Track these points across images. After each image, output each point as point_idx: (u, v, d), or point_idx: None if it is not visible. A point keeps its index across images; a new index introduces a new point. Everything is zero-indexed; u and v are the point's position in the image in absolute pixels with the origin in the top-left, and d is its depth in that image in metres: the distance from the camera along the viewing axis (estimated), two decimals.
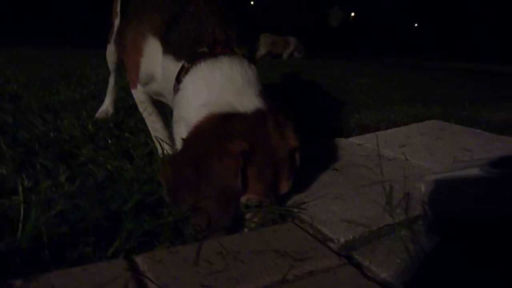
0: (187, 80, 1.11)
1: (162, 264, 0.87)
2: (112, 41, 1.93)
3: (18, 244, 0.84)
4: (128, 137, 1.75)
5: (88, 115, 2.15)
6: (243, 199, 1.05)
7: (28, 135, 1.71)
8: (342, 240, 1.01)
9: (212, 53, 1.11)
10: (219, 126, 1.03)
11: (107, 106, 2.28)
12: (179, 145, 1.12)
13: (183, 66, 1.13)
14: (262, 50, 9.45)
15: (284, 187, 1.12)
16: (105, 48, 2.19)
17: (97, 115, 2.19)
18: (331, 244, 1.01)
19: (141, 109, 1.47)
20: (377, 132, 2.11)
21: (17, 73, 3.36)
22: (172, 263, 0.87)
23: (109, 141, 1.70)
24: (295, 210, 1.15)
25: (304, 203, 1.19)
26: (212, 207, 1.00)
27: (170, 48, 1.16)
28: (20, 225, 0.88)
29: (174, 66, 1.16)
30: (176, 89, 1.15)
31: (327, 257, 0.95)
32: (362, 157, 1.67)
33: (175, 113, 1.17)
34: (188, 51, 1.14)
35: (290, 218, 1.16)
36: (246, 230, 1.09)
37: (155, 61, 1.20)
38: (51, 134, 1.76)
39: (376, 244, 1.03)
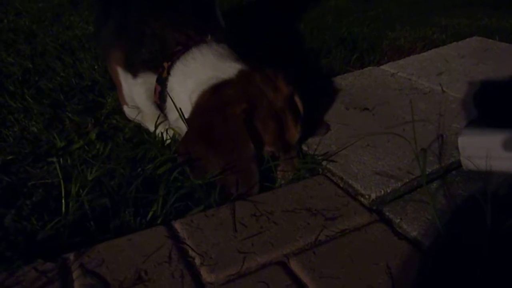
0: (170, 81, 1.22)
1: (200, 230, 0.94)
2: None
3: (64, 218, 0.92)
4: None
5: None
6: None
7: (51, 84, 1.75)
8: (373, 195, 1.05)
9: (179, 52, 1.23)
10: (213, 97, 1.11)
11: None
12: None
13: (161, 72, 1.24)
14: None
15: (294, 134, 1.17)
16: None
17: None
18: (362, 199, 1.06)
19: (134, 120, 1.48)
20: (412, 56, 2.03)
21: (27, 3, 3.29)
22: (210, 229, 0.95)
23: None
24: (324, 162, 1.18)
25: (334, 154, 1.21)
26: (234, 171, 1.06)
27: (137, 69, 1.29)
28: (63, 201, 0.95)
29: (150, 80, 1.28)
30: (159, 93, 1.26)
31: (358, 214, 1.00)
32: (395, 91, 1.63)
33: (170, 116, 1.26)
34: (158, 61, 1.25)
35: (320, 169, 1.19)
36: (277, 185, 1.14)
37: (130, 86, 1.34)
38: (73, 80, 1.79)
39: (407, 199, 1.06)
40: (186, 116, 1.15)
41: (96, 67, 1.95)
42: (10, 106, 1.58)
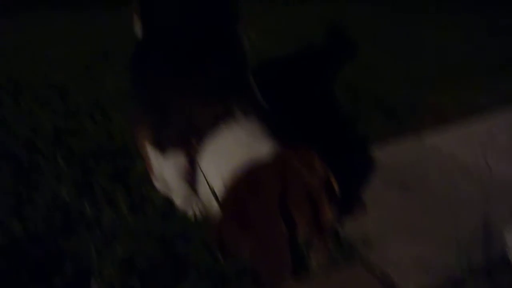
0: (202, 163, 1.29)
1: None
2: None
3: None
4: None
5: None
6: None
7: (82, 146, 1.89)
8: None
9: (208, 130, 1.30)
10: (247, 180, 1.18)
11: None
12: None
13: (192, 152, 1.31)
14: None
15: (329, 217, 1.21)
16: None
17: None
18: None
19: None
20: (455, 126, 2.08)
21: (57, 54, 3.57)
22: None
23: None
24: (360, 248, 1.23)
25: (371, 239, 1.26)
26: (265, 256, 1.12)
27: (166, 147, 1.37)
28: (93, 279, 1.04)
29: (181, 161, 1.35)
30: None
31: None
32: (436, 167, 1.67)
33: (202, 197, 1.33)
34: (186, 140, 1.33)
35: (355, 254, 1.24)
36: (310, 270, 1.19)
37: (160, 164, 1.42)
38: (104, 142, 1.93)
39: None
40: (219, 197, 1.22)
41: (127, 127, 2.10)
42: (40, 167, 1.72)
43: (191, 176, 1.34)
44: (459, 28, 4.53)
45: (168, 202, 1.47)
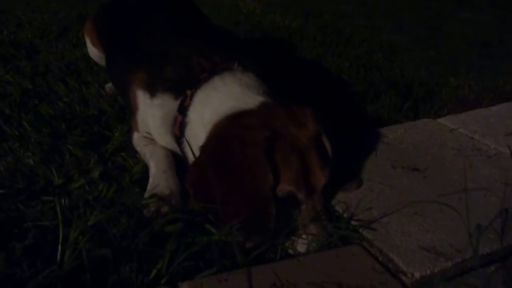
0: (190, 111, 1.36)
1: None
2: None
3: (59, 268, 1.01)
4: None
5: None
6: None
7: (52, 111, 1.89)
8: (417, 274, 1.10)
9: (203, 80, 1.39)
10: (232, 125, 1.23)
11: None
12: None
13: (183, 100, 1.39)
14: None
15: (320, 178, 1.23)
16: None
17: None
18: (404, 278, 1.11)
19: (141, 152, 1.60)
20: (477, 110, 2.11)
21: (30, 14, 3.57)
22: None
23: None
24: (362, 230, 1.25)
25: (374, 220, 1.28)
26: (245, 206, 1.14)
27: (156, 88, 1.46)
28: (60, 248, 1.04)
29: (169, 105, 1.43)
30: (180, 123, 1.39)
31: None
32: (453, 151, 1.70)
33: (187, 153, 1.39)
34: (181, 87, 1.41)
35: (357, 237, 1.26)
36: (300, 246, 1.20)
37: (146, 107, 1.50)
38: (77, 108, 1.93)
39: (458, 282, 1.11)
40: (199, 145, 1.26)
41: (104, 93, 2.11)
42: (4, 132, 1.72)
43: (180, 128, 1.37)
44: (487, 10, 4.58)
45: (146, 171, 1.49)
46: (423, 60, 3.00)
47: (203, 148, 1.24)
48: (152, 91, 1.45)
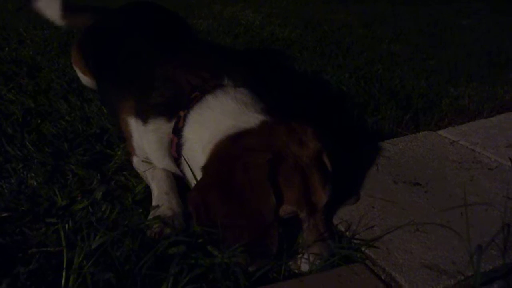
0: (186, 132, 1.36)
1: None
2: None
3: None
4: None
5: None
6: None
7: (55, 130, 1.91)
8: None
9: (195, 99, 1.38)
10: (233, 146, 1.23)
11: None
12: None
13: (177, 121, 1.38)
14: None
15: (321, 196, 1.24)
16: None
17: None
18: None
19: (142, 175, 1.61)
20: (477, 121, 2.11)
21: (32, 30, 3.60)
22: None
23: None
24: (364, 248, 1.25)
25: (376, 238, 1.28)
26: (248, 229, 1.15)
27: (148, 114, 1.45)
28: (64, 273, 1.05)
29: (163, 129, 1.43)
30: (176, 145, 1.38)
31: None
32: (454, 164, 1.70)
33: (186, 173, 1.39)
34: (172, 109, 1.41)
35: (359, 254, 1.26)
36: (303, 266, 1.21)
37: (140, 134, 1.50)
38: (79, 126, 1.95)
39: None
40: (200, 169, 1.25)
41: (105, 111, 2.12)
42: (7, 153, 1.73)
43: (177, 150, 1.37)
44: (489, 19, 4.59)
45: (149, 190, 1.50)
46: (423, 70, 3.01)
47: (205, 170, 1.25)
48: (143, 118, 1.45)
